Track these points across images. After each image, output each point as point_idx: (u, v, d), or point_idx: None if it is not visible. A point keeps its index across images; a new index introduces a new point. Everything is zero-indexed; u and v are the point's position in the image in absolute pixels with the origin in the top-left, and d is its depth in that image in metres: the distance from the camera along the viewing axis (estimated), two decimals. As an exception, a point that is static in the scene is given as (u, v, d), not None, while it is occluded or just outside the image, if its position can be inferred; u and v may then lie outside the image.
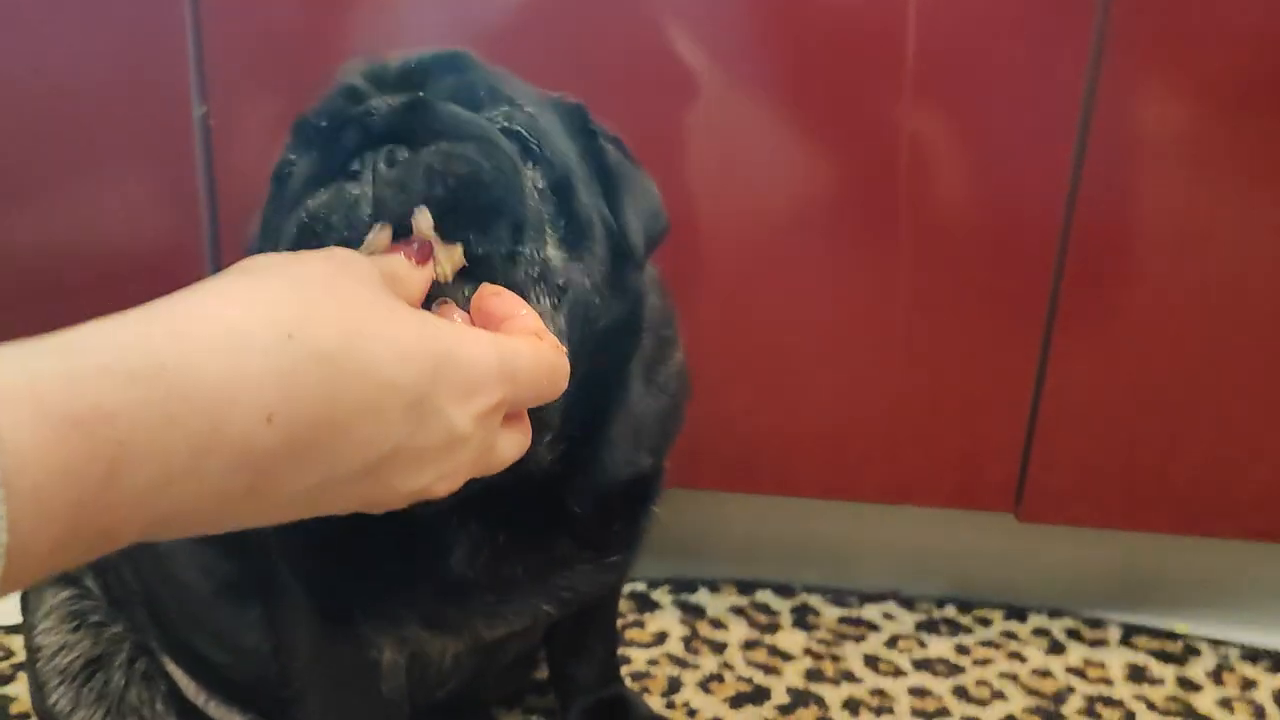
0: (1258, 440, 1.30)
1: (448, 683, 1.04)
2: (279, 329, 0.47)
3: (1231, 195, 1.21)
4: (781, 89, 1.24)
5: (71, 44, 1.26)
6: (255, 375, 0.46)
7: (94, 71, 1.26)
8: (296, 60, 1.25)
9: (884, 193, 1.25)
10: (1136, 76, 1.19)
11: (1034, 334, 1.29)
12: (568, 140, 0.82)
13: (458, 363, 0.54)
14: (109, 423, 0.42)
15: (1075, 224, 1.23)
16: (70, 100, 1.27)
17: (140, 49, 1.26)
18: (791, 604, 1.44)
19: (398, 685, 0.97)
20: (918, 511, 1.40)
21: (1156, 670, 1.33)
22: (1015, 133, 1.22)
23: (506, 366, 0.57)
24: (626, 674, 1.27)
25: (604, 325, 0.82)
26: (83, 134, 1.29)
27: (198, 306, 0.48)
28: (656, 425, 0.94)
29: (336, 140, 0.73)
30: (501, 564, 0.88)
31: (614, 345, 0.86)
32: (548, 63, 1.20)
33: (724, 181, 1.27)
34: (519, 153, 0.76)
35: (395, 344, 0.52)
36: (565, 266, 0.76)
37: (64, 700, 1.02)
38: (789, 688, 1.28)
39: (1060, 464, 1.32)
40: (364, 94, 0.77)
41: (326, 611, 0.92)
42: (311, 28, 1.25)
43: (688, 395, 1.00)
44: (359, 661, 0.93)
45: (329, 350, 0.48)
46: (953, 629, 1.40)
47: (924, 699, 1.27)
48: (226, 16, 1.24)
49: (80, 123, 1.28)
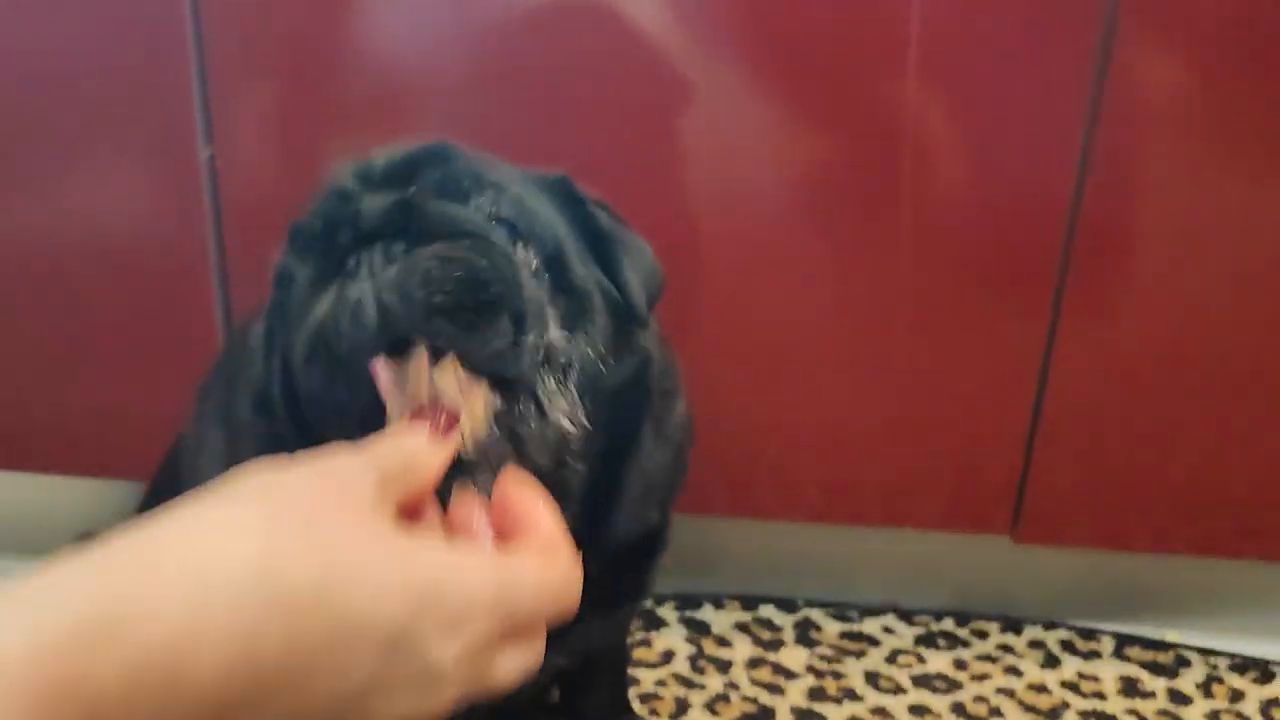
0: (1256, 450, 1.33)
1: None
2: (248, 571, 0.47)
3: (1244, 182, 1.22)
4: (779, 74, 1.23)
5: (69, 27, 1.25)
6: (220, 628, 0.45)
7: (92, 55, 1.26)
8: (296, 44, 1.25)
9: (885, 182, 1.25)
10: (1148, 58, 1.18)
11: (1038, 332, 1.29)
12: (556, 214, 0.84)
13: (444, 594, 0.51)
14: (77, 689, 0.42)
15: (1082, 214, 1.23)
16: (68, 85, 1.27)
17: (140, 32, 1.25)
18: (794, 619, 1.47)
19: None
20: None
21: (1148, 683, 1.37)
22: (1022, 119, 1.22)
23: (504, 594, 0.54)
24: (635, 695, 1.31)
25: (614, 385, 0.84)
26: (80, 119, 1.28)
27: (166, 548, 0.48)
28: (664, 478, 0.97)
29: (332, 241, 0.76)
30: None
31: (626, 406, 0.88)
32: (532, 45, 1.22)
33: (718, 172, 1.26)
34: (508, 237, 0.78)
35: (373, 580, 0.49)
36: (568, 343, 0.79)
37: None
38: (793, 707, 1.32)
39: (1057, 486, 1.35)
40: (354, 194, 0.79)
41: None
42: (311, 10, 1.24)
43: (691, 443, 1.02)
44: None
45: (300, 593, 0.47)
46: (951, 643, 1.44)
47: (924, 717, 1.31)
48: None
49: (78, 107, 1.28)
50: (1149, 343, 1.29)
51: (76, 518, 1.48)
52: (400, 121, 1.27)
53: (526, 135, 1.23)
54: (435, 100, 1.27)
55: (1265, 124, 1.20)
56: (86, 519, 1.48)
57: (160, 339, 1.38)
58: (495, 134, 0.95)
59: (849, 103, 1.23)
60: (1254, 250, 1.24)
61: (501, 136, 0.91)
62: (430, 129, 1.23)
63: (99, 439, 1.44)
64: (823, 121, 1.25)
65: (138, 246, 1.35)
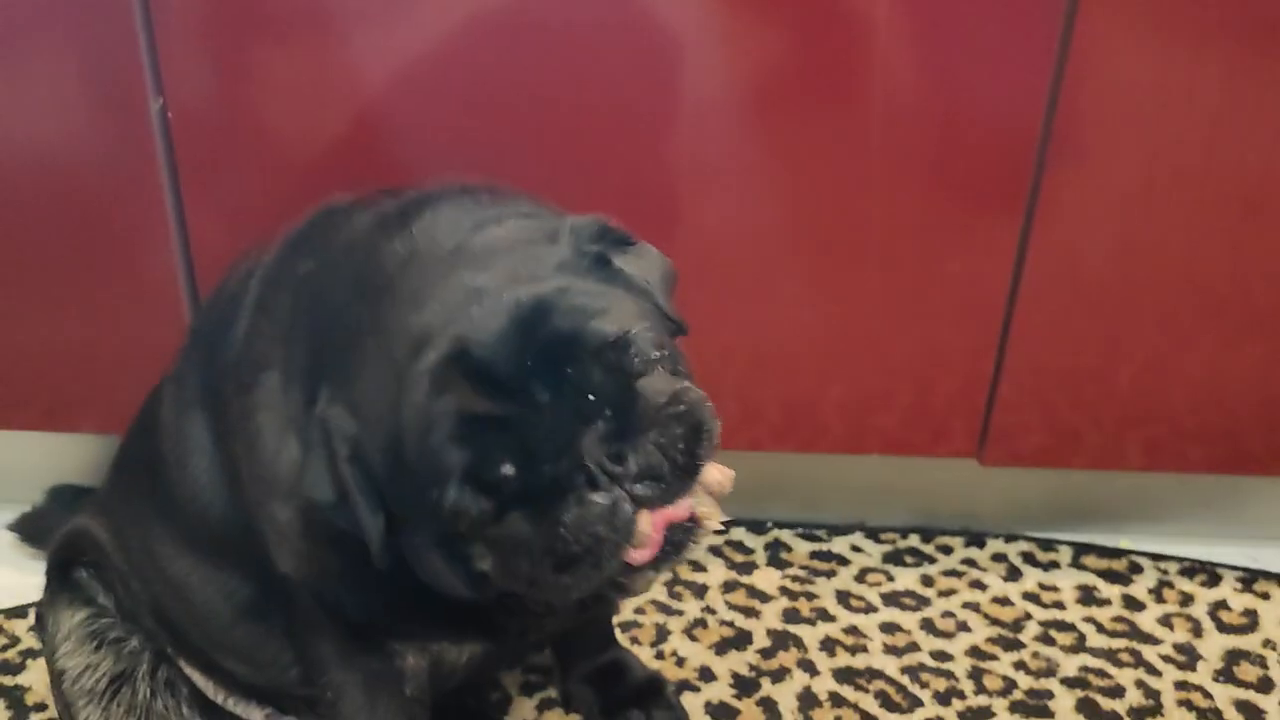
0: (1202, 364, 1.37)
1: (459, 674, 1.10)
2: None
3: (1216, 85, 1.22)
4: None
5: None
6: None
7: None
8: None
9: (848, 89, 1.24)
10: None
11: (1009, 246, 1.30)
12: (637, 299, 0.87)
13: None
14: None
15: (1056, 124, 1.23)
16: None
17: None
18: (764, 540, 1.52)
19: (420, 685, 1.03)
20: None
21: (1104, 590, 1.44)
22: (995, 18, 1.20)
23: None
24: (616, 624, 1.35)
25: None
26: (21, 35, 1.23)
27: None
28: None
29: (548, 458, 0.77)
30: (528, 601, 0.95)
31: None
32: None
33: (669, 81, 1.24)
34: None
35: None
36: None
37: (94, 718, 1.07)
38: (769, 630, 1.37)
39: (1022, 407, 1.38)
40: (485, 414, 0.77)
41: (356, 631, 0.97)
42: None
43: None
44: (387, 669, 1.00)
45: None
46: (917, 559, 1.49)
47: (895, 634, 1.37)
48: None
49: (16, 25, 1.22)
50: (1113, 256, 1.31)
51: (47, 472, 1.47)
52: (344, 51, 1.23)
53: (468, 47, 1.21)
54: (371, 25, 1.23)
55: (1239, 29, 1.20)
56: (56, 473, 1.47)
57: (119, 284, 1.34)
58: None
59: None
60: (1219, 162, 1.26)
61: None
62: (370, 50, 1.20)
63: (59, 392, 1.41)
64: (779, 20, 1.22)
65: (92, 190, 1.30)
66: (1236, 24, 1.20)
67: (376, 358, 0.82)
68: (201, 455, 0.98)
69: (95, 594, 1.10)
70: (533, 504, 0.77)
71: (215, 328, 0.98)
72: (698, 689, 1.28)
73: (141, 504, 1.07)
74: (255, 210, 1.24)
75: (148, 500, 1.06)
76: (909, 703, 1.27)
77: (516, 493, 0.77)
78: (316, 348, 0.89)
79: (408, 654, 1.00)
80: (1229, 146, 1.25)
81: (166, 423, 1.02)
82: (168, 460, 1.01)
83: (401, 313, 0.82)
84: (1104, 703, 1.27)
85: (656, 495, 0.77)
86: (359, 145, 1.25)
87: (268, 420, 0.91)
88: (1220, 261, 1.31)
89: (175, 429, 1.01)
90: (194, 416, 0.99)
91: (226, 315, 0.97)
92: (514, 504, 0.77)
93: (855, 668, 1.31)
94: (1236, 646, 1.35)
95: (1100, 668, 1.32)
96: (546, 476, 0.76)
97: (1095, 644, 1.35)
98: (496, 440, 0.76)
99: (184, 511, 1.02)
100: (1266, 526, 1.54)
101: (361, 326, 0.84)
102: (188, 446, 0.99)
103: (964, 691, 1.28)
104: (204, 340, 1.01)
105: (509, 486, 0.76)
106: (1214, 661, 1.33)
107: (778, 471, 1.53)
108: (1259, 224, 1.29)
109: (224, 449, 0.96)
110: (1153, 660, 1.33)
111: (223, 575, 1.02)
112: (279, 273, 0.95)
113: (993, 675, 1.31)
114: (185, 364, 1.03)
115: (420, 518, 0.81)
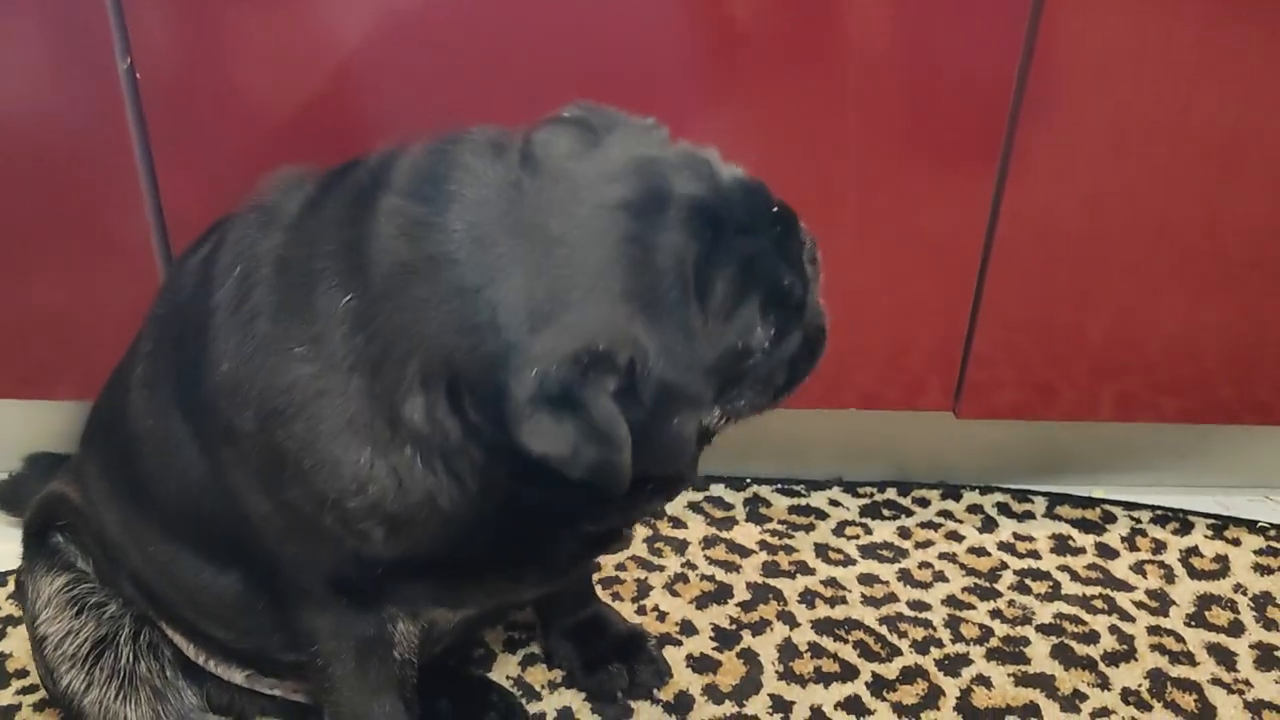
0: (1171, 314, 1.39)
1: (448, 638, 1.11)
2: None
3: (1192, 33, 1.22)
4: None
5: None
6: None
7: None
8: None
9: (821, 37, 1.23)
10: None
11: (984, 197, 1.30)
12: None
13: None
14: None
15: (1034, 66, 1.23)
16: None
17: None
18: (744, 496, 1.53)
19: (409, 646, 1.03)
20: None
21: (1078, 539, 1.46)
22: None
23: None
24: (597, 580, 1.35)
25: None
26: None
27: None
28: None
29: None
30: (520, 568, 0.96)
31: None
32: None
33: (646, 22, 1.22)
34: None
35: None
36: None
37: (76, 682, 1.07)
38: (749, 583, 1.38)
39: (997, 361, 1.40)
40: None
41: (354, 602, 0.97)
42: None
43: None
44: (379, 634, 0.99)
45: None
46: (895, 511, 1.51)
47: (873, 586, 1.38)
48: None
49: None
50: (1086, 207, 1.31)
51: (24, 440, 1.46)
52: (314, 9, 1.21)
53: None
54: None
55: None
56: (33, 441, 1.46)
57: (92, 248, 1.33)
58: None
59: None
60: (1192, 112, 1.26)
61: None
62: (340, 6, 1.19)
63: (34, 359, 1.40)
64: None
65: (61, 153, 1.28)
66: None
67: (596, 267, 0.77)
68: (190, 465, 0.93)
69: (74, 559, 1.09)
70: (799, 312, 0.87)
71: (192, 335, 0.91)
72: (679, 642, 1.30)
73: (119, 485, 1.04)
74: (228, 170, 1.23)
75: (124, 484, 1.03)
76: (888, 652, 1.29)
77: (797, 304, 0.87)
78: (425, 332, 0.80)
79: (400, 620, 1.00)
80: (1203, 99, 1.26)
81: (140, 422, 0.97)
82: (146, 457, 0.97)
83: (593, 214, 0.78)
84: (1078, 648, 1.29)
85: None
86: (331, 103, 1.24)
87: (334, 446, 0.83)
88: (1193, 213, 1.32)
89: (153, 431, 0.96)
90: (175, 424, 0.94)
91: (202, 317, 0.89)
92: (795, 317, 0.87)
93: (834, 618, 1.33)
94: (1208, 591, 1.38)
95: (1075, 614, 1.34)
96: (800, 287, 0.87)
97: (1070, 591, 1.37)
98: (767, 266, 0.84)
99: (165, 508, 0.99)
100: (1237, 474, 1.56)
101: (544, 261, 0.77)
102: (170, 450, 0.94)
103: (941, 640, 1.30)
104: (175, 344, 0.94)
105: (791, 300, 0.86)
106: (1186, 606, 1.35)
107: (757, 428, 1.54)
108: (1232, 176, 1.30)
109: (218, 463, 0.91)
110: (1126, 606, 1.35)
111: (209, 562, 1.00)
112: (292, 256, 0.86)
113: (969, 624, 1.32)
114: (153, 369, 0.96)
115: (701, 385, 0.83)
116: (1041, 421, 1.49)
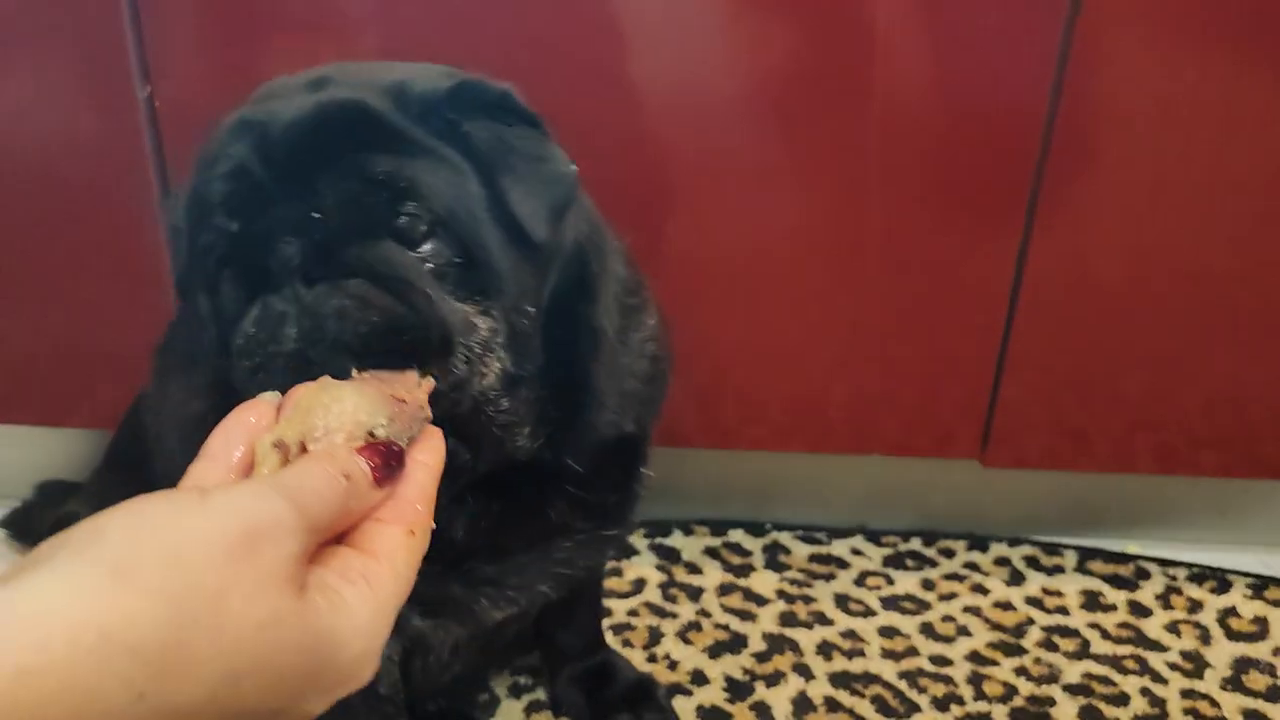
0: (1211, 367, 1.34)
1: (448, 671, 1.08)
2: (131, 688, 0.44)
3: (1220, 89, 1.20)
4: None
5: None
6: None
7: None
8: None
9: (851, 90, 1.21)
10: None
11: (1010, 248, 1.28)
12: (468, 186, 0.81)
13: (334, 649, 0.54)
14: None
15: (1059, 121, 1.21)
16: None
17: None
18: (763, 543, 1.49)
19: (393, 680, 1.00)
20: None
21: (1110, 596, 1.40)
22: (998, 17, 1.18)
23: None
24: (608, 626, 1.32)
25: (554, 290, 0.86)
26: (6, 22, 1.22)
27: (42, 625, 0.44)
28: (639, 388, 0.97)
29: (252, 247, 0.76)
30: (501, 532, 0.92)
31: (565, 308, 0.88)
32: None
33: (675, 76, 1.22)
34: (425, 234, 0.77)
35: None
36: (491, 320, 0.79)
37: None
38: (764, 633, 1.34)
39: (1026, 408, 1.35)
40: (254, 175, 0.76)
41: None
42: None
43: (669, 360, 1.01)
44: None
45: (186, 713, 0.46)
46: (919, 562, 1.46)
47: (893, 639, 1.33)
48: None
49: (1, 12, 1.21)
50: (1119, 257, 1.28)
51: (37, 467, 1.45)
52: (332, 40, 1.21)
53: (469, 46, 1.19)
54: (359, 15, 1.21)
55: (1243, 28, 1.17)
56: (46, 469, 1.46)
57: (108, 276, 1.33)
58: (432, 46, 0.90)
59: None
60: (1228, 161, 1.23)
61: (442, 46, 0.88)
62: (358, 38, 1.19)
63: (49, 387, 1.40)
64: (785, 22, 1.20)
65: (79, 181, 1.28)
66: (1242, 23, 1.17)
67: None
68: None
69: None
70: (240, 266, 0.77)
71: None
72: (690, 692, 1.26)
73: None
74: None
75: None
76: (906, 708, 1.24)
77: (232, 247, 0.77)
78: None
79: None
80: (1236, 148, 1.22)
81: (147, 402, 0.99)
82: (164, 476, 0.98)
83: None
84: (1107, 710, 1.23)
85: (321, 342, 0.72)
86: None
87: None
88: (1231, 265, 1.28)
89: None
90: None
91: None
92: (229, 259, 0.77)
93: (852, 672, 1.28)
94: (1245, 654, 1.32)
95: (1104, 675, 1.28)
96: (254, 254, 0.75)
97: (1100, 650, 1.32)
98: (244, 202, 0.76)
99: None
100: (1279, 532, 1.50)
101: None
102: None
103: (963, 697, 1.25)
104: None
105: (228, 240, 0.77)
106: (1222, 669, 1.29)
107: (779, 472, 1.51)
108: (1271, 226, 1.26)
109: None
110: (1159, 668, 1.29)
111: None
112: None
113: (993, 681, 1.27)
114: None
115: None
116: (1074, 472, 1.45)
